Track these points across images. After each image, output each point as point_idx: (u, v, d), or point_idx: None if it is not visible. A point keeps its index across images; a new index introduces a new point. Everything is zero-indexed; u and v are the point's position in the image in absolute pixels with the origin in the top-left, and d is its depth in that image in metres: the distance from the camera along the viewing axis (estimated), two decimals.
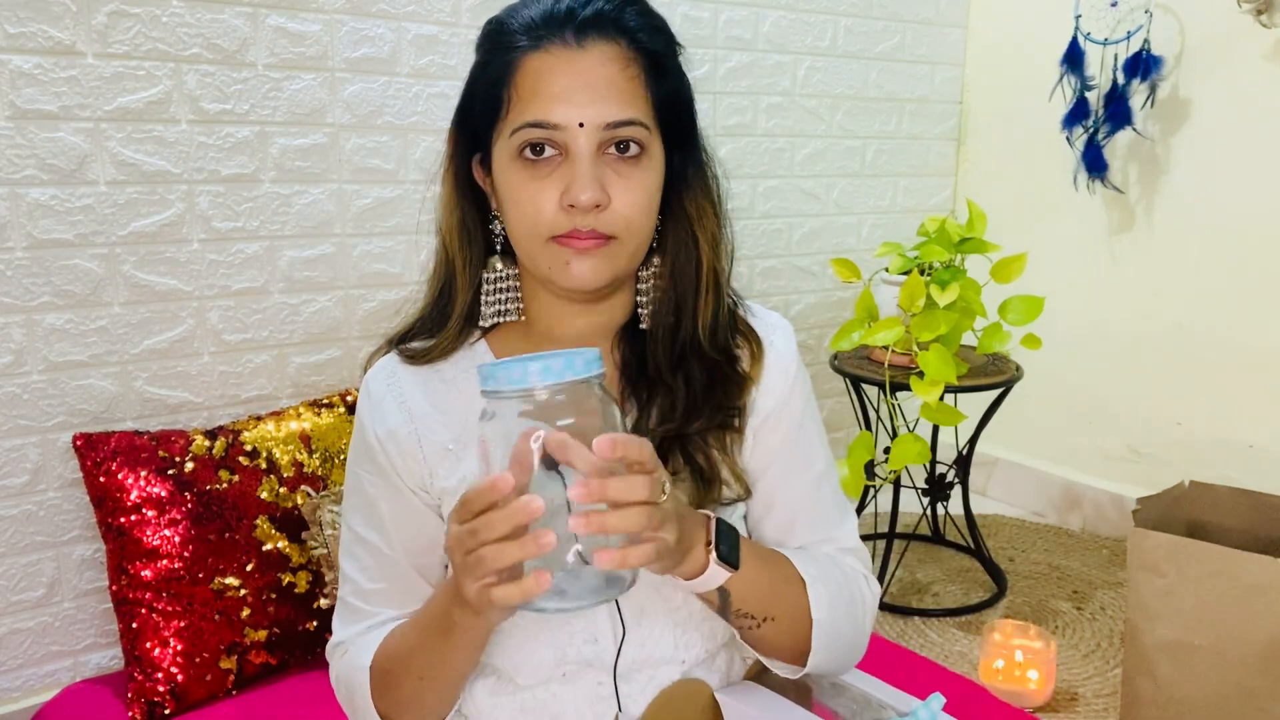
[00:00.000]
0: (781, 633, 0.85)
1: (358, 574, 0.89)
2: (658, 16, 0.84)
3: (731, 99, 2.37)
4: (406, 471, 0.87)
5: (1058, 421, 2.68)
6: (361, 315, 1.90)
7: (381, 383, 0.89)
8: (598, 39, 0.78)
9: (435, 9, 1.88)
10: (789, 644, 0.86)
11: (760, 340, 0.92)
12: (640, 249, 0.84)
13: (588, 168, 0.78)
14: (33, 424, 1.60)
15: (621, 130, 0.79)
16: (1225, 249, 2.29)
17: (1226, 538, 1.72)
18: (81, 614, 1.68)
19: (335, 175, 1.82)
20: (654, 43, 0.82)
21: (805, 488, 0.92)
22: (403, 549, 0.88)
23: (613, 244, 0.81)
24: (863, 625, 0.92)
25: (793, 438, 0.91)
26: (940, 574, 2.35)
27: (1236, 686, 1.54)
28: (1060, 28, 2.44)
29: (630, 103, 0.79)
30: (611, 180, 0.79)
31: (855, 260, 2.21)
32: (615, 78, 0.78)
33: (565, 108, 0.78)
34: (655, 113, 0.81)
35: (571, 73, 0.78)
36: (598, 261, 0.81)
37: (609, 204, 0.79)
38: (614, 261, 0.82)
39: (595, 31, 0.79)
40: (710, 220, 0.88)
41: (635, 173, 0.80)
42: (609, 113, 0.78)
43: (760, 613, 0.83)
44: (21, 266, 1.56)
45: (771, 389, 0.90)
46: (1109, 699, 1.84)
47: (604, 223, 0.80)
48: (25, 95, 1.52)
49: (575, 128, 0.78)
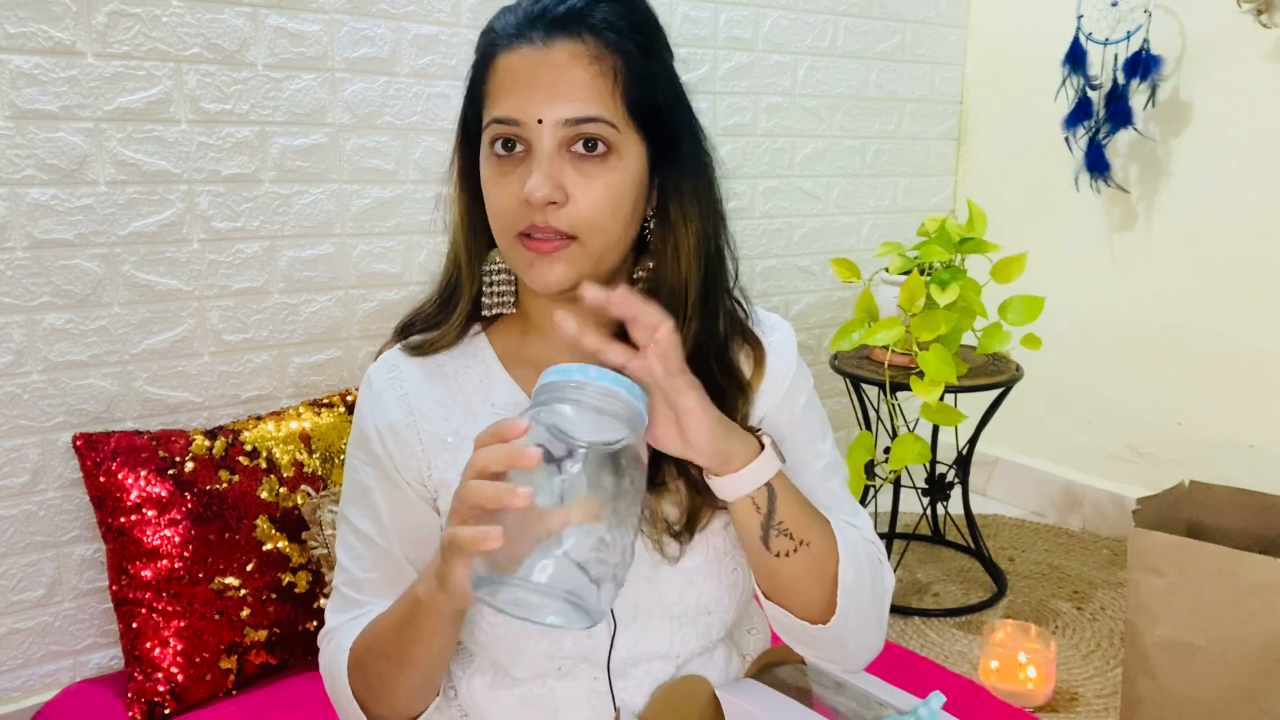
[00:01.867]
0: (814, 566, 0.83)
1: (351, 563, 0.90)
2: (641, 15, 0.83)
3: (731, 99, 2.37)
4: (404, 464, 0.88)
5: (1058, 421, 2.68)
6: (361, 315, 1.90)
7: (383, 375, 0.90)
8: (564, 38, 0.78)
9: (435, 9, 1.89)
10: (818, 586, 0.84)
11: (762, 346, 0.91)
12: (609, 251, 0.82)
13: (543, 163, 0.78)
14: (33, 424, 1.60)
15: (583, 127, 0.78)
16: (1226, 249, 2.29)
17: (1226, 538, 1.73)
18: (81, 614, 1.68)
19: (335, 175, 1.82)
20: (629, 41, 0.80)
21: (811, 480, 0.91)
22: (396, 540, 0.89)
23: (574, 245, 0.80)
24: (882, 606, 0.90)
25: (793, 433, 0.91)
26: (940, 574, 2.35)
27: (1236, 686, 1.54)
28: (1060, 28, 2.44)
29: (593, 100, 0.78)
30: (572, 178, 0.79)
31: (855, 260, 2.22)
32: (578, 75, 0.78)
33: (526, 104, 0.78)
34: (629, 112, 0.80)
35: (535, 70, 0.78)
36: (558, 264, 0.80)
37: (566, 201, 0.79)
38: (576, 264, 0.80)
39: (562, 30, 0.78)
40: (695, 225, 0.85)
41: (598, 171, 0.79)
42: (570, 109, 0.77)
43: (799, 533, 0.82)
44: (21, 266, 1.56)
45: (771, 390, 0.90)
46: (1109, 699, 1.84)
47: (562, 220, 0.79)
48: (25, 95, 1.52)
49: (535, 124, 0.78)
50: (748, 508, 0.80)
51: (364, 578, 0.90)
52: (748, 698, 0.89)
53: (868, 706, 0.95)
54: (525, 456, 0.65)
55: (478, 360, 0.90)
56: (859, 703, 0.96)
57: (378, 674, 0.84)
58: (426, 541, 0.89)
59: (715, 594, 0.88)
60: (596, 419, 0.69)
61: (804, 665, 0.96)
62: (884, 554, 0.94)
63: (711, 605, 0.89)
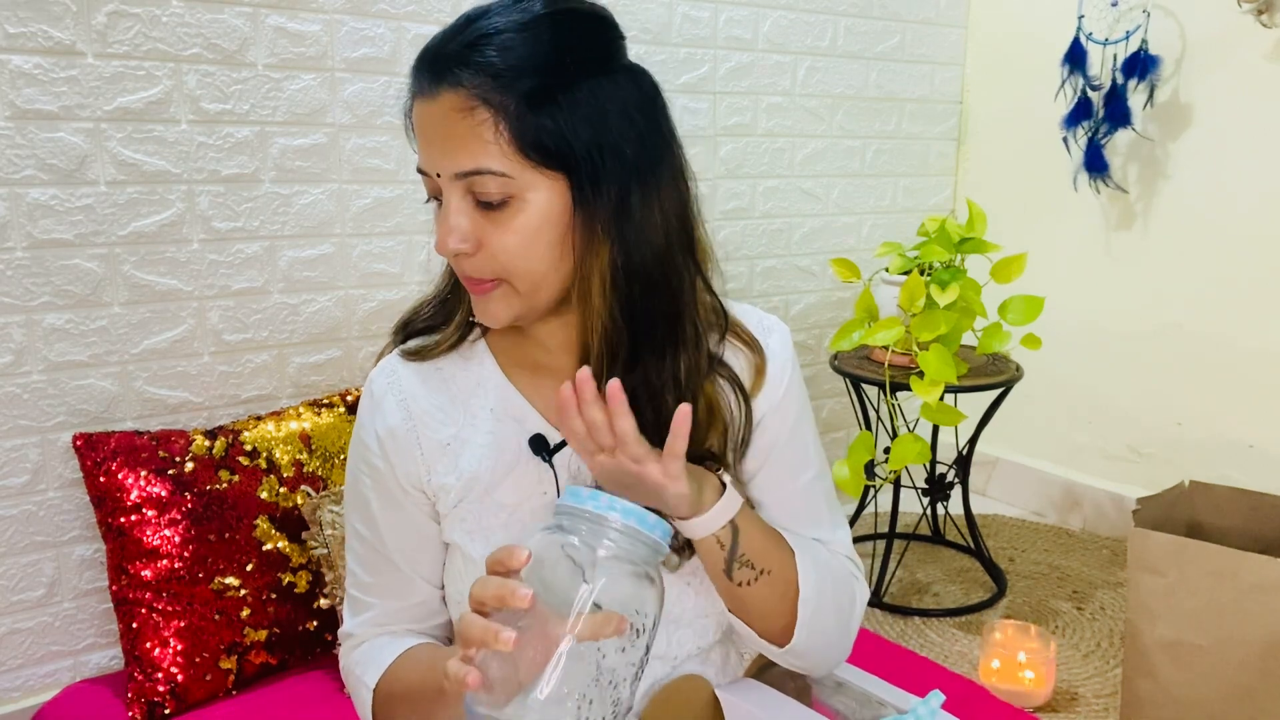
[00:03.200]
0: (774, 593, 0.85)
1: (357, 567, 0.93)
2: (546, 43, 0.76)
3: (731, 99, 2.37)
4: (403, 470, 0.88)
5: (1058, 421, 2.68)
6: (361, 315, 1.90)
7: (383, 382, 0.90)
8: (444, 88, 0.76)
9: (435, 9, 1.89)
10: (778, 610, 0.86)
11: (764, 353, 0.91)
12: (540, 288, 0.80)
13: (449, 215, 0.78)
14: (33, 424, 1.60)
15: (473, 180, 0.77)
16: (1225, 249, 2.29)
17: (1226, 538, 1.72)
18: (81, 614, 1.68)
19: (335, 175, 1.82)
20: (518, 82, 0.75)
21: (798, 489, 0.92)
22: (394, 546, 0.90)
23: (503, 285, 0.80)
24: (849, 621, 0.91)
25: (785, 440, 0.91)
26: (940, 574, 2.35)
27: (1236, 686, 1.54)
28: (1060, 27, 2.44)
29: (477, 152, 0.75)
30: (481, 225, 0.78)
31: (855, 260, 2.22)
32: (456, 127, 0.75)
33: (427, 158, 0.79)
34: (524, 156, 0.75)
35: (426, 123, 0.78)
36: (496, 304, 0.81)
37: (478, 249, 0.79)
38: (511, 302, 0.81)
39: (444, 80, 0.76)
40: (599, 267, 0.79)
41: (503, 218, 0.77)
42: (458, 163, 0.76)
43: (760, 563, 0.83)
44: (21, 266, 1.56)
45: (768, 396, 0.90)
46: (1109, 699, 1.84)
47: (479, 268, 0.79)
48: (25, 95, 1.52)
49: (436, 177, 0.79)
50: (711, 543, 0.81)
51: (368, 581, 0.92)
52: (747, 697, 0.90)
53: (867, 706, 0.95)
54: (517, 598, 0.65)
55: (476, 364, 0.90)
56: (859, 702, 0.97)
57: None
58: (426, 548, 0.91)
59: (711, 597, 0.88)
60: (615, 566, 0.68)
61: None
62: (860, 569, 0.95)
63: (707, 609, 0.90)
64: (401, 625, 0.92)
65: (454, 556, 0.89)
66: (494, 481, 0.87)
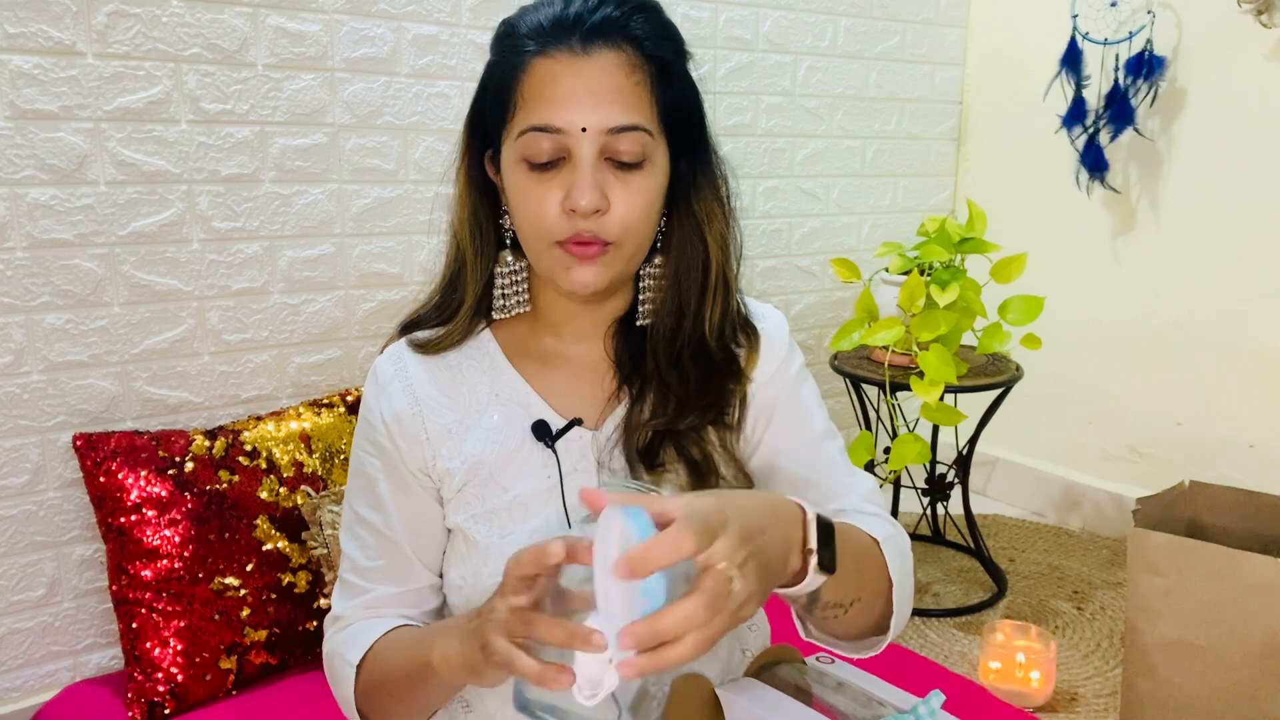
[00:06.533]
0: (865, 611, 0.83)
1: (356, 552, 0.93)
2: (667, 24, 0.85)
3: (731, 99, 2.37)
4: (409, 454, 0.90)
5: (1058, 421, 2.68)
6: (361, 315, 1.90)
7: (389, 368, 0.92)
8: (603, 46, 0.80)
9: (435, 9, 1.89)
10: (870, 621, 0.85)
11: (757, 332, 0.94)
12: (640, 251, 0.86)
13: (588, 173, 0.79)
14: (33, 424, 1.60)
15: (624, 135, 0.80)
16: (1225, 249, 2.29)
17: (1226, 538, 1.72)
18: (81, 614, 1.68)
19: (335, 175, 1.82)
20: (661, 50, 0.83)
21: (808, 445, 0.93)
22: (401, 529, 0.91)
23: (611, 249, 0.83)
24: (913, 574, 0.91)
25: (787, 403, 0.93)
26: (940, 574, 2.35)
27: (1236, 686, 1.54)
28: (1060, 28, 2.44)
29: (634, 108, 0.80)
30: (612, 185, 0.81)
31: (855, 260, 2.22)
32: (620, 84, 0.80)
33: (569, 112, 0.79)
34: (660, 119, 0.83)
35: (576, 78, 0.79)
36: (597, 268, 0.83)
37: (609, 209, 0.81)
38: (612, 267, 0.84)
39: (601, 39, 0.80)
40: (719, 223, 0.89)
41: (636, 179, 0.82)
42: (612, 117, 0.79)
43: (847, 599, 0.80)
44: (21, 266, 1.56)
45: (764, 367, 0.93)
46: (1109, 699, 1.84)
47: (603, 228, 0.81)
48: (25, 95, 1.52)
49: (578, 132, 0.79)
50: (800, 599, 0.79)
51: (369, 565, 0.92)
52: (748, 696, 0.90)
53: (867, 706, 0.95)
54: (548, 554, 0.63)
55: (482, 354, 0.92)
56: (858, 702, 0.96)
57: (385, 706, 0.87)
58: (429, 533, 0.92)
59: None
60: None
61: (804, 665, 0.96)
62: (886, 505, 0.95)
63: None
64: (394, 610, 0.92)
65: (456, 541, 0.91)
66: (498, 466, 0.88)
